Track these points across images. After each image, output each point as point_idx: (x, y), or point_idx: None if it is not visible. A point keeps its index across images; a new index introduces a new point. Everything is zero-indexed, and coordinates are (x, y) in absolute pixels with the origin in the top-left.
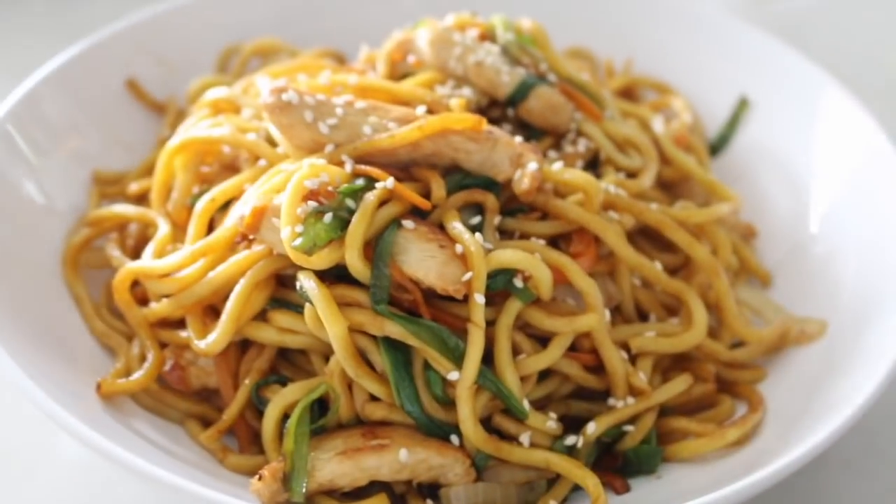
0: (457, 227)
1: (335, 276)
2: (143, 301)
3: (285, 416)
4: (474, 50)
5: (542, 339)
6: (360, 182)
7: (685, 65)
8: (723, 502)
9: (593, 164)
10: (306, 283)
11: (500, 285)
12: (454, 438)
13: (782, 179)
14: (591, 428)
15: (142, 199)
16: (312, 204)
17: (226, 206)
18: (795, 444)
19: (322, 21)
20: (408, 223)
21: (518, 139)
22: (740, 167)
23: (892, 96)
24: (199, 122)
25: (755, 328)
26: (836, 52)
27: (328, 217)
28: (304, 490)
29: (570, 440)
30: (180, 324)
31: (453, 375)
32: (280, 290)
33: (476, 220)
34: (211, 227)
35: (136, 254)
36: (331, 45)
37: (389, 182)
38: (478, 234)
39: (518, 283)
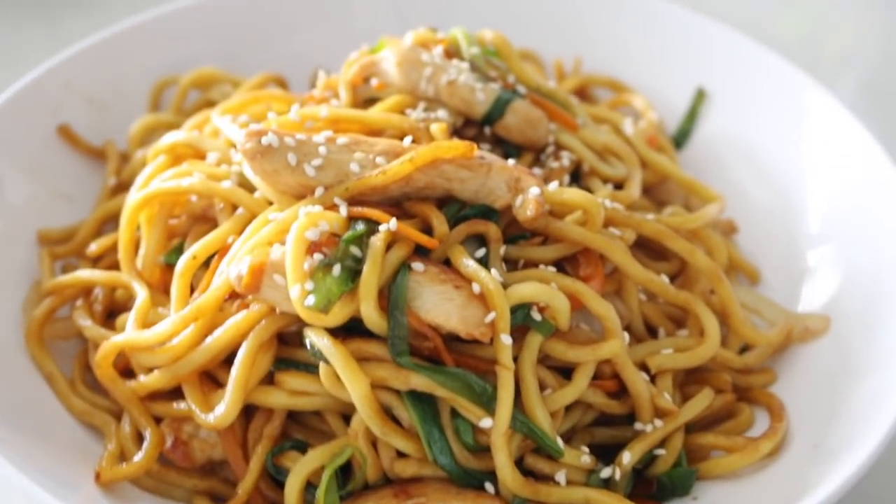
0: (470, 265)
1: (345, 329)
2: (124, 372)
3: (307, 484)
4: (445, 69)
5: (561, 369)
6: (360, 227)
7: (633, 59)
8: None
9: (575, 177)
10: (319, 342)
11: (519, 320)
12: (488, 486)
13: (749, 170)
14: (627, 458)
15: (98, 257)
16: (318, 257)
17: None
18: (841, 452)
19: (257, 49)
20: (417, 265)
21: (511, 162)
22: (703, 160)
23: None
24: (160, 172)
25: (761, 331)
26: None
27: (337, 269)
28: None
29: (606, 472)
30: (171, 394)
31: (486, 423)
32: (283, 348)
33: (480, 252)
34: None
35: (105, 320)
36: (269, 71)
37: (392, 223)
38: (493, 271)
39: (536, 315)
